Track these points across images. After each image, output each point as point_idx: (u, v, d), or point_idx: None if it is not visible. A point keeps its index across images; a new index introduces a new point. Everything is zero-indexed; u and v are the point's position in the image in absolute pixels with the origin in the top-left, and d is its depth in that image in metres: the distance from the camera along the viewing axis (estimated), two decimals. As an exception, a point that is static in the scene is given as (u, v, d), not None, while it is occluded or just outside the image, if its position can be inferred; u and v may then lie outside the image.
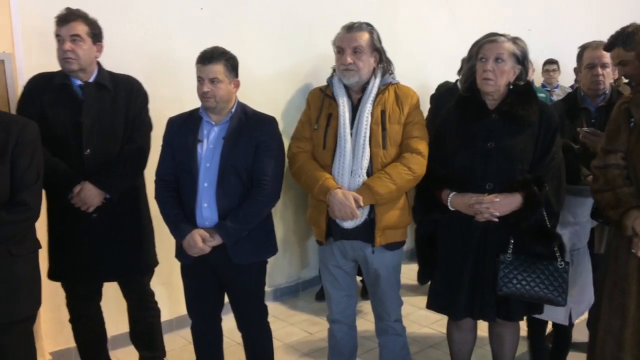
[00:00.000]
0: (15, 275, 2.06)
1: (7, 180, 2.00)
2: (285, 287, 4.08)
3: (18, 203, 2.02)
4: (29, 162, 2.05)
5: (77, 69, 2.43)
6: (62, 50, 2.40)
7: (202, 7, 3.40)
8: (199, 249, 2.30)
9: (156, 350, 2.82)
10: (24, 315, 2.12)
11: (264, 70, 3.68)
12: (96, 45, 2.48)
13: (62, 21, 2.41)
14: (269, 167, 2.37)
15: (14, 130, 2.02)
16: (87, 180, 2.41)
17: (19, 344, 2.10)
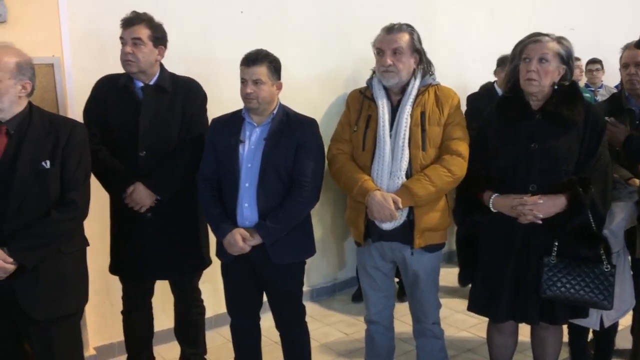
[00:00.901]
0: (64, 272, 2.14)
1: (58, 181, 2.08)
2: (322, 288, 4.10)
3: (67, 202, 2.09)
4: (78, 163, 2.12)
5: (137, 71, 2.49)
6: (124, 52, 2.46)
7: (242, 10, 3.45)
8: (239, 248, 2.34)
9: (198, 347, 2.88)
10: (72, 310, 2.19)
11: (304, 73, 3.71)
12: (157, 49, 2.52)
13: (126, 24, 2.47)
14: (309, 168, 2.39)
15: (64, 132, 2.10)
16: (139, 182, 2.48)
17: (67, 338, 2.18)
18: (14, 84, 2.01)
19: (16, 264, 1.98)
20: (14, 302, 2.03)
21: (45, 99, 2.60)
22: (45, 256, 2.05)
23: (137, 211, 2.50)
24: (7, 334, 2.12)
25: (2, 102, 2.00)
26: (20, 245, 1.99)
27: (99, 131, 2.49)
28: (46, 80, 2.62)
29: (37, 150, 2.04)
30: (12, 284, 2.01)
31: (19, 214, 2.00)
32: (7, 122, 2.04)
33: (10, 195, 1.99)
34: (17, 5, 2.58)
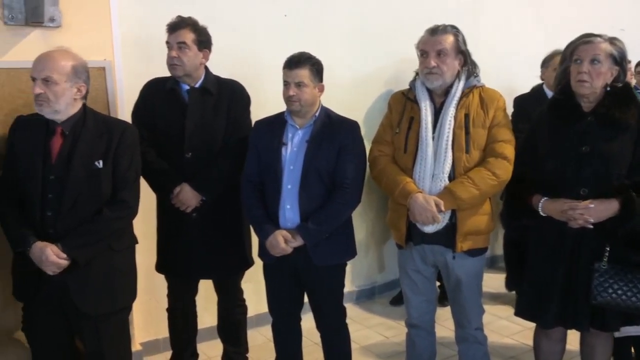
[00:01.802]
0: (115, 268, 2.21)
1: (110, 180, 2.15)
2: (362, 290, 4.09)
3: (119, 201, 2.16)
4: (129, 163, 2.19)
5: (182, 74, 2.55)
6: (169, 56, 2.53)
7: (286, 14, 3.49)
8: (281, 249, 2.36)
9: (240, 346, 2.92)
10: (122, 306, 2.27)
11: (346, 75, 3.72)
12: (202, 52, 2.56)
13: (171, 29, 2.54)
14: (350, 171, 2.40)
15: (116, 133, 2.17)
16: (185, 183, 2.53)
17: (116, 333, 2.25)
18: (70, 87, 2.10)
19: (69, 260, 2.06)
20: (67, 297, 2.12)
21: (97, 101, 2.69)
22: (97, 253, 2.13)
23: (183, 211, 2.56)
24: (60, 327, 2.21)
25: (59, 104, 2.08)
26: (74, 242, 2.06)
27: (146, 133, 2.55)
28: (98, 83, 2.71)
29: (91, 150, 2.12)
30: (65, 279, 2.09)
31: (73, 212, 2.08)
32: (62, 123, 2.13)
33: (65, 193, 2.07)
34: (71, 11, 2.68)
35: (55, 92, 2.06)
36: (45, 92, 2.05)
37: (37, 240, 2.05)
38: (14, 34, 2.59)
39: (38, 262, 2.05)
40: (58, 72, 2.06)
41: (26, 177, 2.10)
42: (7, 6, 2.52)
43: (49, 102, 2.06)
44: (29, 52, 2.60)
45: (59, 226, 2.08)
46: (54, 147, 2.12)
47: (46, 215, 2.09)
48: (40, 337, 2.22)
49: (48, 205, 2.09)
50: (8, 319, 2.70)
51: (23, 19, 2.55)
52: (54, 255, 2.03)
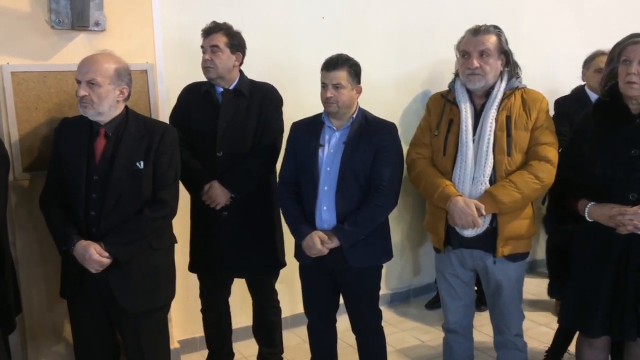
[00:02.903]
0: (155, 267, 2.25)
1: (150, 180, 2.19)
2: (397, 293, 4.07)
3: (159, 201, 2.21)
4: (169, 164, 2.23)
5: (216, 76, 2.59)
6: (203, 59, 2.58)
7: (323, 16, 3.49)
8: (317, 251, 2.36)
9: (275, 346, 2.93)
10: (161, 303, 2.31)
11: (382, 76, 3.70)
12: (235, 55, 2.61)
13: (206, 33, 2.60)
14: (387, 173, 2.38)
15: (156, 135, 2.22)
16: (215, 180, 2.57)
17: (155, 330, 2.29)
18: (113, 89, 2.15)
19: (111, 258, 2.11)
20: (109, 294, 2.16)
21: (139, 103, 2.75)
22: (137, 251, 2.17)
23: (214, 210, 2.59)
24: (101, 323, 2.26)
25: (102, 106, 2.14)
26: (116, 241, 2.11)
27: (182, 134, 2.60)
28: (140, 86, 2.77)
29: (132, 151, 2.17)
30: (107, 277, 2.14)
31: (115, 212, 2.13)
32: (105, 125, 2.18)
33: (108, 194, 2.12)
34: (115, 15, 2.75)
35: (99, 94, 2.11)
36: (90, 94, 2.10)
37: (80, 239, 2.11)
38: (60, 38, 2.67)
39: (81, 260, 2.10)
40: (102, 75, 2.11)
41: (71, 178, 2.16)
42: (54, 11, 2.59)
43: (92, 104, 2.12)
44: (74, 55, 2.68)
45: (101, 225, 2.13)
46: (97, 148, 2.17)
47: (90, 215, 2.14)
48: (82, 333, 2.28)
49: (91, 205, 2.14)
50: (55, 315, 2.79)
51: (69, 23, 2.63)
52: (96, 253, 2.08)
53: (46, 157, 2.66)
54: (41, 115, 2.67)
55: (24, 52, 2.61)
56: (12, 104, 2.60)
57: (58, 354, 2.88)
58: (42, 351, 2.84)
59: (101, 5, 2.68)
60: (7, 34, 2.57)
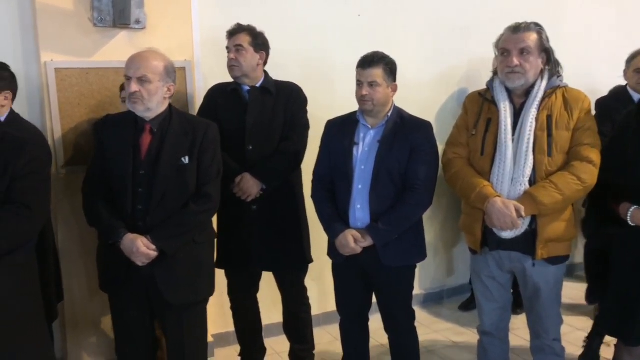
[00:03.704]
0: (198, 260, 2.29)
1: (195, 175, 2.23)
2: (430, 294, 4.03)
3: (203, 195, 2.24)
4: (212, 159, 2.26)
5: (241, 75, 2.64)
6: (229, 59, 2.65)
7: (359, 14, 3.48)
8: (351, 249, 2.36)
9: (306, 343, 2.94)
10: (202, 297, 2.34)
11: (418, 74, 3.67)
12: (259, 54, 2.66)
13: (230, 34, 2.66)
14: (422, 172, 2.36)
15: (200, 131, 2.25)
16: (246, 172, 2.60)
17: (196, 323, 2.33)
18: (162, 86, 2.18)
19: (158, 251, 2.14)
20: (154, 287, 2.20)
21: (177, 100, 2.79)
22: (182, 245, 2.20)
23: (243, 204, 2.62)
24: (143, 316, 2.30)
25: (151, 102, 2.17)
26: (162, 234, 2.15)
27: None
28: (178, 83, 2.78)
29: (177, 147, 2.20)
30: (153, 270, 2.18)
31: (162, 206, 2.17)
32: (151, 121, 2.22)
33: (154, 188, 2.16)
34: (155, 13, 2.80)
35: (149, 90, 2.15)
36: (140, 90, 2.14)
37: (128, 233, 2.15)
38: (102, 36, 2.73)
39: (129, 253, 2.14)
40: (152, 72, 2.15)
41: (117, 173, 2.19)
42: (97, 9, 2.66)
43: (142, 100, 2.15)
44: (115, 53, 2.75)
45: (148, 219, 2.17)
46: (143, 144, 2.21)
47: (137, 209, 2.18)
48: (124, 325, 2.32)
49: (138, 199, 2.18)
50: (95, 306, 2.87)
51: (111, 21, 2.69)
52: (144, 246, 2.12)
53: (87, 152, 2.74)
54: (83, 111, 2.75)
55: (67, 49, 2.69)
56: (55, 99, 2.68)
57: (96, 344, 2.96)
58: (81, 340, 2.93)
59: (142, 3, 2.74)
60: (51, 32, 2.64)
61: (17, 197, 1.90)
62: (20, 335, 1.96)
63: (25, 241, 1.98)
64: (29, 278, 2.03)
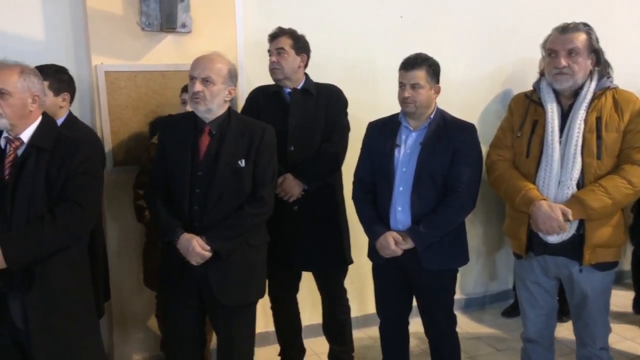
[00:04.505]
0: (250, 263, 2.31)
1: (250, 178, 2.26)
2: (471, 299, 3.96)
3: (258, 198, 2.26)
4: (267, 162, 2.29)
5: (282, 77, 2.68)
6: (270, 62, 2.68)
7: (402, 15, 3.46)
8: (391, 251, 2.35)
9: (345, 345, 2.94)
10: (253, 299, 2.36)
11: (461, 76, 3.63)
12: (300, 56, 2.69)
13: (271, 38, 2.70)
14: (465, 174, 2.33)
15: (257, 134, 2.27)
16: (288, 173, 2.63)
17: (245, 324, 2.36)
18: (224, 88, 2.23)
19: (212, 252, 2.18)
20: (207, 287, 2.24)
21: (222, 102, 2.84)
22: (236, 247, 2.23)
23: (284, 204, 2.64)
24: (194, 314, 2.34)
25: (213, 103, 2.21)
26: (217, 235, 2.18)
27: None
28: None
29: (235, 150, 2.23)
30: (206, 270, 2.21)
31: (218, 207, 2.20)
32: (210, 123, 2.25)
33: (211, 189, 2.19)
34: (200, 17, 2.86)
35: (212, 91, 2.19)
36: (203, 90, 2.18)
37: (184, 232, 2.19)
38: (150, 40, 2.81)
39: (184, 252, 2.18)
40: (217, 74, 2.20)
41: (176, 173, 2.24)
42: (145, 13, 2.73)
43: (205, 100, 2.19)
44: (162, 56, 2.82)
45: (204, 220, 2.21)
46: (202, 145, 2.25)
47: (193, 209, 2.22)
48: (176, 323, 2.36)
49: (195, 199, 2.21)
50: (141, 304, 2.94)
51: (158, 25, 2.76)
52: (199, 246, 2.16)
53: (135, 153, 2.82)
54: (131, 113, 2.83)
55: (116, 53, 2.78)
56: (105, 101, 2.77)
57: (141, 340, 3.04)
58: (127, 337, 3.01)
59: (188, 7, 2.80)
60: (102, 36, 2.73)
61: (71, 196, 1.97)
62: (73, 329, 2.03)
63: (78, 238, 2.05)
64: (81, 274, 2.11)
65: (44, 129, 2.02)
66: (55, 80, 2.46)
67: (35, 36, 2.72)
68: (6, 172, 1.95)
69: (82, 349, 2.07)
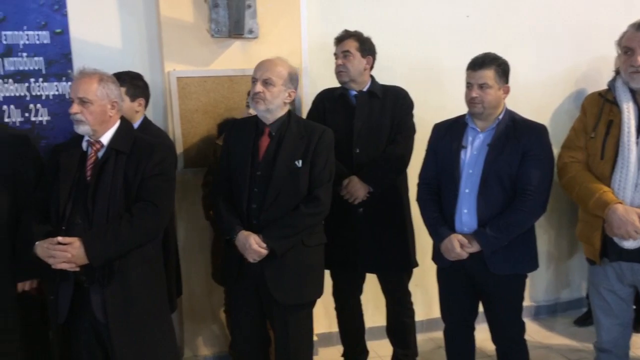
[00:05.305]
0: (306, 263, 2.35)
1: (307, 178, 2.30)
2: (542, 306, 3.83)
3: (313, 198, 2.30)
4: (325, 163, 2.33)
5: (348, 80, 2.70)
6: (336, 65, 2.71)
7: (468, 14, 3.40)
8: (456, 254, 2.31)
9: (409, 348, 2.92)
10: (309, 299, 2.40)
11: (531, 76, 3.52)
12: (366, 59, 2.70)
13: (337, 41, 2.73)
14: (535, 177, 2.27)
15: (315, 136, 2.32)
16: (354, 175, 2.64)
17: (301, 324, 2.39)
18: (284, 90, 2.30)
19: (268, 250, 2.24)
20: (263, 285, 2.30)
21: (286, 106, 2.90)
22: (291, 246, 2.28)
23: (350, 206, 2.65)
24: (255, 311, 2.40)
25: (272, 104, 2.29)
26: (273, 234, 2.24)
27: None
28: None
29: (292, 150, 2.29)
30: (263, 267, 2.28)
31: (274, 206, 2.27)
32: (270, 125, 2.33)
33: (269, 189, 2.26)
34: (266, 23, 2.93)
35: (272, 92, 2.27)
36: (264, 91, 2.27)
37: (242, 230, 2.27)
38: (218, 46, 2.91)
39: (242, 249, 2.26)
40: (277, 76, 2.28)
41: (237, 173, 2.33)
42: (214, 20, 2.83)
43: (264, 100, 2.27)
44: (230, 61, 2.91)
45: (261, 218, 2.28)
46: (261, 146, 2.33)
47: (252, 208, 2.30)
48: (238, 319, 2.44)
49: (253, 198, 2.29)
50: (211, 300, 3.04)
51: (227, 31, 2.85)
52: (255, 244, 2.23)
53: (204, 154, 2.93)
54: (200, 117, 2.94)
55: (187, 59, 2.90)
56: (177, 106, 2.90)
57: (211, 335, 3.14)
58: (198, 332, 3.12)
59: (255, 14, 2.88)
60: (174, 43, 2.86)
61: (147, 196, 2.09)
62: (149, 321, 2.15)
63: (154, 236, 2.17)
64: (156, 269, 2.22)
65: (122, 133, 2.15)
66: (131, 87, 2.59)
67: (113, 44, 2.89)
68: (88, 173, 2.09)
69: (157, 340, 2.18)
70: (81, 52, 2.80)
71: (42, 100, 2.78)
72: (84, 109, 2.06)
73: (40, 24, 2.73)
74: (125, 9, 2.88)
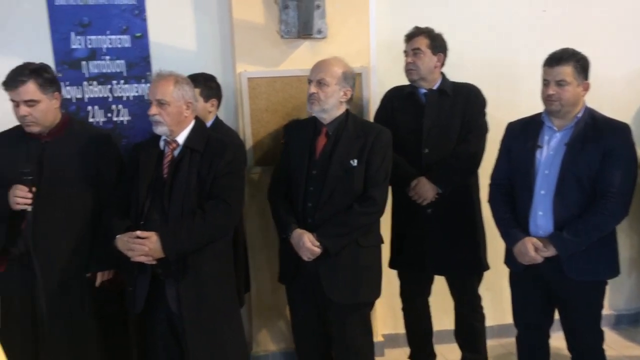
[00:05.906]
0: (360, 263, 2.36)
1: (362, 178, 2.31)
2: (622, 315, 3.62)
3: (368, 198, 2.31)
4: (380, 163, 2.33)
5: (418, 78, 2.65)
6: (406, 63, 2.68)
7: (544, 9, 3.27)
8: (530, 258, 2.24)
9: (478, 353, 2.85)
10: (364, 300, 2.40)
11: (612, 72, 3.33)
12: (436, 56, 2.64)
13: (408, 38, 2.69)
14: (617, 178, 2.16)
15: (371, 135, 2.33)
16: (423, 176, 2.60)
17: (358, 324, 2.40)
18: (338, 89, 2.33)
19: (322, 248, 2.26)
20: (318, 283, 2.32)
21: (355, 105, 2.89)
22: (345, 245, 2.29)
23: (418, 206, 2.61)
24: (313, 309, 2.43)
25: (327, 104, 2.32)
26: (327, 232, 2.27)
27: None
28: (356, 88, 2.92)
29: (348, 149, 2.31)
30: (317, 266, 2.30)
31: (329, 205, 2.30)
32: (327, 124, 2.37)
33: (324, 187, 2.30)
34: (335, 23, 2.94)
35: (325, 92, 2.31)
36: (318, 92, 2.31)
37: (297, 228, 2.31)
38: (288, 46, 2.95)
39: (296, 247, 2.30)
40: (330, 76, 2.31)
41: (295, 171, 2.38)
42: (284, 21, 2.88)
43: (319, 100, 2.32)
44: (299, 62, 2.95)
45: (316, 216, 2.31)
46: (318, 145, 2.37)
47: (307, 206, 2.33)
48: (298, 318, 2.49)
49: (309, 197, 2.33)
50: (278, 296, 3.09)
51: (296, 32, 2.89)
52: (309, 242, 2.26)
53: (273, 153, 2.98)
54: (269, 116, 2.99)
55: (258, 60, 2.96)
56: (247, 106, 2.96)
57: (279, 331, 3.19)
58: (265, 327, 3.18)
59: (324, 14, 2.90)
60: (245, 45, 2.93)
61: (219, 194, 2.16)
62: (219, 314, 2.22)
63: (225, 233, 2.24)
64: (226, 265, 2.30)
65: (196, 132, 2.23)
66: (205, 88, 2.68)
67: (187, 47, 2.99)
68: (165, 171, 2.19)
69: (227, 333, 2.25)
70: (159, 55, 2.92)
71: (123, 101, 2.92)
72: (161, 110, 2.15)
73: (122, 29, 2.87)
74: (200, 13, 2.98)
